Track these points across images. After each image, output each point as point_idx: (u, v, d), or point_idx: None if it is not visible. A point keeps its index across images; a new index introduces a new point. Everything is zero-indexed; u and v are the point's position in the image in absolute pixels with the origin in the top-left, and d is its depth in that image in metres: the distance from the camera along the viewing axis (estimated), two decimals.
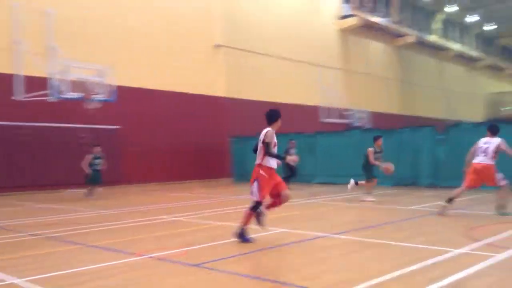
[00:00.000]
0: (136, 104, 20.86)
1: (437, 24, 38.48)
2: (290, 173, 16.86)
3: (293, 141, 17.47)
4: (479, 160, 9.24)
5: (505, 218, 9.09)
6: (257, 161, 7.00)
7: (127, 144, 20.24)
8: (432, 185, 16.57)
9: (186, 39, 22.89)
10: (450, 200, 9.47)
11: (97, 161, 15.14)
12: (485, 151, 9.23)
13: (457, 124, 18.16)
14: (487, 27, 41.65)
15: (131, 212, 11.36)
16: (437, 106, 37.00)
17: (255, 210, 6.96)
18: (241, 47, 24.81)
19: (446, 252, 6.00)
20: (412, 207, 11.13)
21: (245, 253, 6.26)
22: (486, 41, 44.74)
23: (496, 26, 41.77)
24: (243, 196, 15.05)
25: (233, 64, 24.47)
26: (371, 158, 12.58)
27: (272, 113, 7.24)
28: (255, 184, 6.86)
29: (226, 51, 24.28)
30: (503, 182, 9.22)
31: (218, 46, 24.03)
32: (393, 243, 6.79)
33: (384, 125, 26.19)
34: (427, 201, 12.25)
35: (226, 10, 24.43)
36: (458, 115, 36.51)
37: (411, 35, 34.49)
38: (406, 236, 7.45)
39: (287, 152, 16.82)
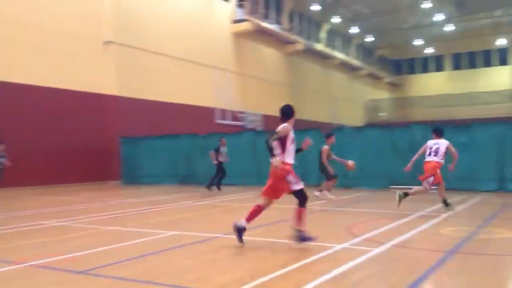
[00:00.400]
0: (19, 102, 19.24)
1: (323, 34, 40.80)
2: (222, 174, 16.50)
3: (223, 139, 16.90)
4: (431, 158, 9.86)
5: (387, 215, 9.95)
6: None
7: (8, 144, 18.55)
8: (319, 185, 17.52)
9: (74, 34, 21.60)
10: (445, 203, 10.11)
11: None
12: (436, 151, 9.93)
13: (340, 128, 19.44)
14: (367, 39, 45.08)
15: (12, 217, 10.45)
16: (323, 110, 39.20)
17: (305, 205, 6.67)
18: (133, 45, 24.07)
19: (330, 247, 6.40)
20: None
21: (135, 257, 6.10)
22: (366, 51, 48.43)
23: (374, 39, 45.36)
24: (132, 200, 14.61)
25: (125, 62, 23.64)
26: (324, 157, 12.69)
27: (288, 109, 6.84)
28: (290, 177, 6.64)
29: (117, 48, 23.39)
30: (429, 184, 10.04)
31: (108, 43, 23.05)
32: (282, 241, 7.08)
33: (276, 128, 27.13)
34: (313, 200, 12.92)
35: (117, 6, 23.52)
36: (341, 119, 39.04)
37: (300, 43, 36.15)
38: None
39: (217, 150, 16.33)
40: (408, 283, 4.73)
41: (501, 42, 44.89)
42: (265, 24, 32.72)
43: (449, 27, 43.55)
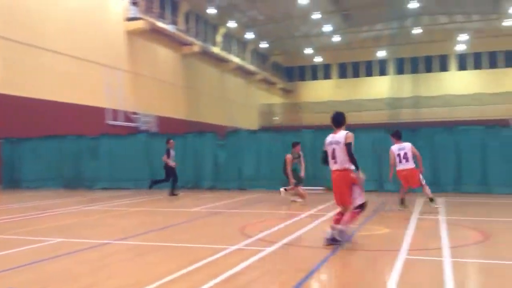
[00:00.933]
0: None
1: (220, 37, 41.18)
2: (173, 178, 15.33)
3: (171, 141, 15.59)
4: (407, 166, 10.17)
5: (279, 215, 10.32)
6: (343, 166, 6.63)
7: None
8: (213, 187, 17.66)
9: None
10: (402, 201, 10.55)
11: None
12: (405, 157, 10.24)
13: (235, 131, 19.77)
14: (262, 45, 46.38)
15: None
16: (219, 113, 39.54)
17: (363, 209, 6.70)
18: (19, 39, 22.20)
19: (224, 249, 6.51)
20: (195, 209, 11.68)
21: (24, 265, 5.69)
22: (261, 57, 49.81)
23: (268, 45, 46.83)
24: (15, 205, 13.50)
25: (8, 58, 21.70)
26: (288, 166, 12.41)
27: (343, 116, 6.94)
28: (356, 189, 6.61)
29: (3, 43, 21.40)
30: (423, 182, 10.43)
31: None
32: (176, 244, 7.04)
33: (171, 130, 26.78)
34: (208, 202, 13.00)
35: None
36: (237, 123, 39.69)
37: (196, 45, 36.09)
38: (189, 237, 7.81)
39: (167, 153, 15.16)
40: (297, 280, 4.98)
41: (382, 54, 48.88)
42: (160, 24, 32.17)
43: (336, 38, 46.42)
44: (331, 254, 6.26)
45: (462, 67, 47.98)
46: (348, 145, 6.63)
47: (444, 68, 48.63)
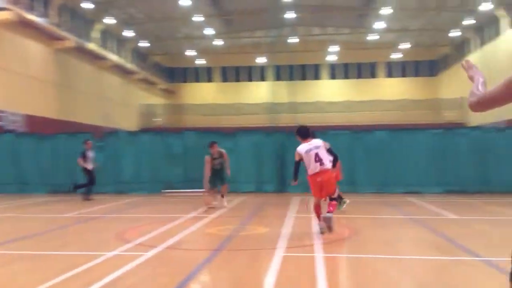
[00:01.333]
0: None
1: (96, 34, 39.27)
2: (90, 181, 14.00)
3: (89, 142, 14.31)
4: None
5: (159, 219, 10.12)
6: (328, 165, 7.90)
7: None
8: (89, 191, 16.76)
9: None
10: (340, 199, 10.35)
11: None
12: (317, 158, 9.13)
13: (114, 132, 18.98)
14: (142, 44, 45.20)
15: None
16: (96, 113, 37.64)
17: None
18: None
19: (100, 255, 6.22)
20: (69, 214, 10.99)
21: None
22: (141, 56, 48.48)
23: (149, 44, 45.80)
24: None
25: None
26: (207, 167, 11.48)
27: (308, 129, 8.27)
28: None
29: None
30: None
31: None
32: (48, 252, 6.57)
33: (41, 130, 24.80)
34: (83, 207, 12.31)
35: None
36: (115, 123, 38.16)
37: (70, 40, 33.94)
38: (61, 244, 7.33)
39: (84, 155, 13.81)
40: (177, 283, 4.95)
41: (261, 60, 50.61)
42: (30, 16, 29.69)
43: (218, 42, 47.00)
44: (213, 255, 6.33)
45: (332, 76, 51.65)
46: (329, 150, 8.66)
47: (317, 76, 51.91)
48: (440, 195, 14.99)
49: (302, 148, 7.89)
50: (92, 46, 38.10)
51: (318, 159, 7.78)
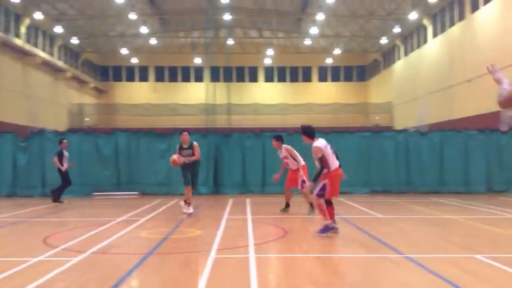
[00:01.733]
0: None
1: (23, 29, 37.23)
2: (66, 182, 13.52)
3: (64, 141, 13.79)
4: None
5: (87, 222, 9.75)
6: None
7: None
8: (12, 194, 15.86)
9: None
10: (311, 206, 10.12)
11: None
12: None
13: (40, 132, 18.03)
14: (73, 41, 43.45)
15: None
16: (21, 112, 35.67)
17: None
18: None
19: (24, 262, 5.90)
20: None
21: None
22: (71, 53, 46.56)
23: (79, 41, 44.10)
24: None
25: None
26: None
27: (312, 128, 8.13)
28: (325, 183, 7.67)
29: None
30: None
31: None
32: None
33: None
34: (5, 212, 11.63)
35: None
36: (42, 123, 36.32)
37: None
38: None
39: (60, 155, 13.34)
40: None
41: (198, 61, 50.27)
42: None
43: (153, 41, 46.14)
44: (144, 259, 6.20)
45: (268, 79, 52.32)
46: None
47: (254, 79, 52.35)
48: (367, 195, 15.65)
49: (322, 143, 7.73)
50: (19, 42, 36.12)
51: (335, 154, 7.90)
